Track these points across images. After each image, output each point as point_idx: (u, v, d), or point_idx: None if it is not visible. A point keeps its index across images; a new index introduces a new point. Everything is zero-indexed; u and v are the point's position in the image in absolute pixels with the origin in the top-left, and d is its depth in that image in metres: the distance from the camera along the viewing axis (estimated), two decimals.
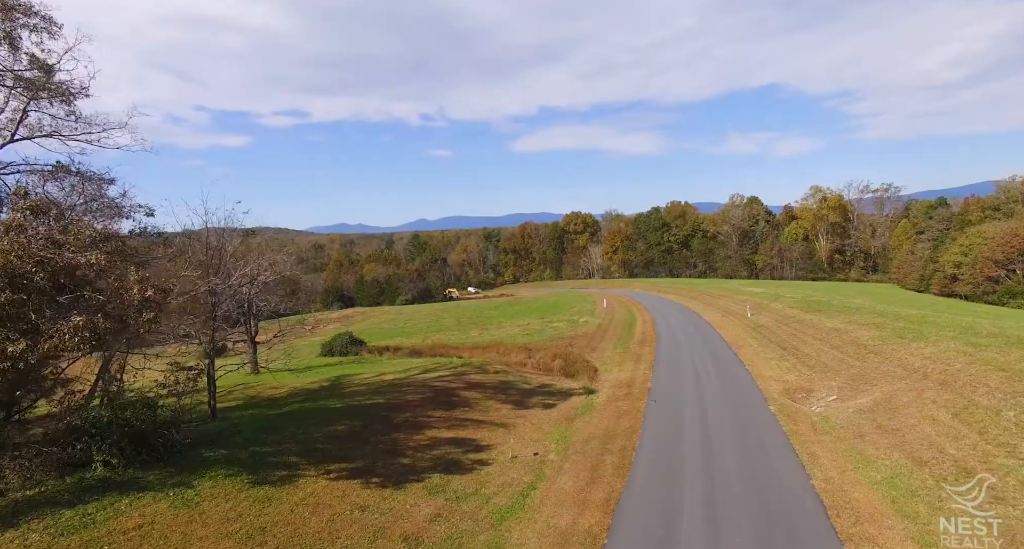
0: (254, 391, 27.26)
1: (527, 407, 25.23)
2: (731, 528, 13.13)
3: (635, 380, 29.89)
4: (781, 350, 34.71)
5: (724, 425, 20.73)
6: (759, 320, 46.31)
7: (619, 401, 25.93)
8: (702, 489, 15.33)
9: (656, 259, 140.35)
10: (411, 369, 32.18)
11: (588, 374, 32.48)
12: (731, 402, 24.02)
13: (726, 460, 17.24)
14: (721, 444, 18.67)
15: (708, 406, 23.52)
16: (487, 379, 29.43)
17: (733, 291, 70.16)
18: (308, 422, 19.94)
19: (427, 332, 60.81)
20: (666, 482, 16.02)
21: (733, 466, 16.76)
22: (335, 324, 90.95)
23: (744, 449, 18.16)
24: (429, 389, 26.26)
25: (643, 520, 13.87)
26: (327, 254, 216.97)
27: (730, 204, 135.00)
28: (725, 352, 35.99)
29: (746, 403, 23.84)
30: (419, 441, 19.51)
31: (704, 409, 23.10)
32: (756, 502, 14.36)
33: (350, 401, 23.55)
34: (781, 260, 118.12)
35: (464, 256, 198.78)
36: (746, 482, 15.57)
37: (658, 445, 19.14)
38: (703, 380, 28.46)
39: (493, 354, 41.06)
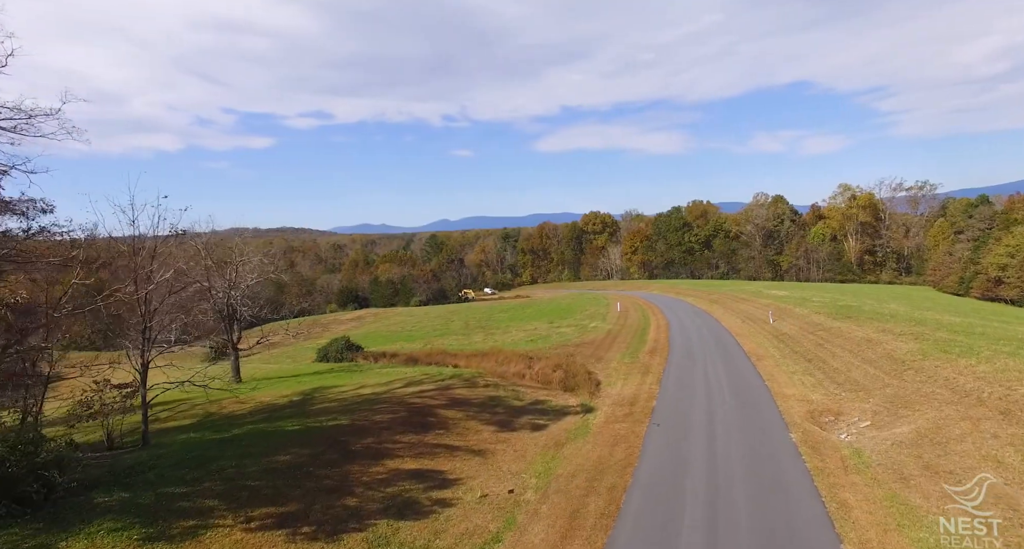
0: (216, 407, 24.90)
1: (513, 429, 22.34)
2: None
3: (639, 396, 26.76)
4: (806, 362, 31.20)
5: (735, 459, 17.55)
6: (782, 327, 42.64)
7: (618, 423, 22.87)
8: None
9: (676, 260, 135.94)
10: (395, 381, 29.53)
11: (589, 388, 29.43)
12: (746, 427, 20.79)
13: (735, 510, 14.11)
14: (730, 486, 15.52)
15: (718, 432, 20.33)
16: (473, 395, 26.61)
17: (755, 294, 66.19)
18: (251, 450, 17.36)
19: (431, 336, 58.36)
20: (657, 540, 12.98)
21: (743, 519, 13.63)
22: (348, 325, 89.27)
23: (758, 494, 14.99)
24: (404, 407, 23.53)
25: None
26: (347, 254, 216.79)
27: (754, 203, 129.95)
28: (743, 364, 32.58)
29: (763, 428, 20.59)
30: (375, 474, 16.78)
31: (713, 436, 19.92)
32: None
33: (311, 422, 20.95)
34: (807, 261, 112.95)
35: (482, 256, 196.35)
36: (759, 547, 12.46)
37: (654, 485, 16.07)
38: (715, 398, 25.21)
39: (492, 362, 38.25)
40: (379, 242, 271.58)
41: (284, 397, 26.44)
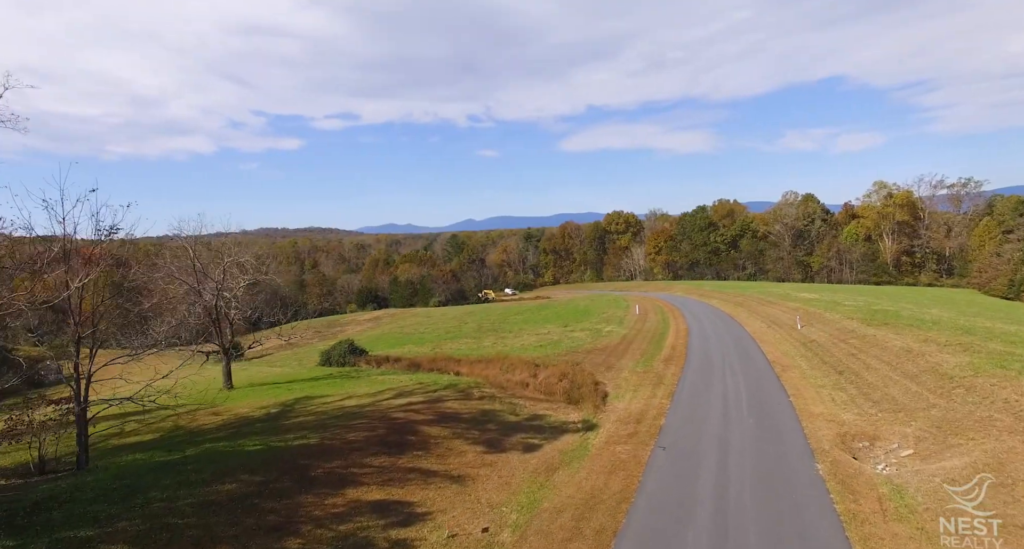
0: (189, 419, 23.22)
1: (502, 450, 20.05)
2: None
3: (647, 413, 24.17)
4: (836, 375, 28.15)
5: (749, 499, 14.93)
6: (811, 334, 39.37)
7: (620, 444, 20.38)
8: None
9: (702, 260, 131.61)
10: (385, 391, 27.53)
11: (594, 401, 26.93)
12: (765, 454, 18.09)
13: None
14: (742, 536, 12.96)
15: (732, 460, 17.69)
16: (465, 408, 24.38)
17: (783, 297, 62.50)
18: (194, 476, 15.42)
19: (442, 339, 56.42)
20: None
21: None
22: (364, 326, 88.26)
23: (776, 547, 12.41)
24: (385, 423, 21.43)
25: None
26: (369, 254, 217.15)
27: (783, 202, 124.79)
28: (766, 375, 29.66)
29: (785, 456, 17.87)
30: (331, 507, 14.67)
31: (725, 465, 17.29)
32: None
33: (276, 440, 18.98)
34: (839, 262, 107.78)
35: (503, 257, 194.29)
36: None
37: (648, 533, 13.58)
38: (732, 416, 22.47)
39: (496, 370, 36.06)
40: (403, 242, 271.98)
41: (262, 408, 24.63)
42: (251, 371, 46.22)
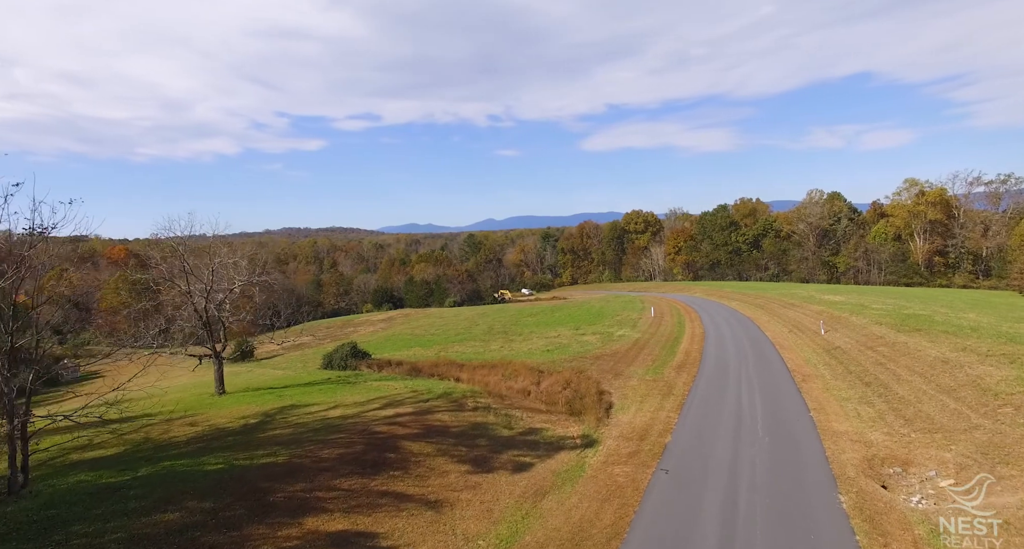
0: (161, 430, 21.92)
1: (489, 469, 18.30)
2: None
3: (652, 428, 22.20)
4: (863, 387, 25.79)
5: (761, 536, 12.95)
6: (835, 340, 36.82)
7: (619, 464, 18.48)
8: None
9: (723, 261, 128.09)
10: (375, 400, 25.98)
11: (596, 413, 25.02)
12: (780, 482, 16.03)
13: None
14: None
15: (743, 488, 15.68)
16: (455, 421, 22.68)
17: (806, 299, 59.60)
18: (136, 503, 13.96)
19: (449, 342, 54.91)
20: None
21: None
22: (377, 326, 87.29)
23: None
24: (365, 438, 19.83)
25: None
26: (388, 254, 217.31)
27: (808, 201, 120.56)
28: (785, 386, 27.40)
29: (804, 484, 15.79)
30: (283, 540, 13.07)
31: (735, 493, 15.29)
32: None
33: (241, 458, 17.50)
34: (867, 263, 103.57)
35: (521, 256, 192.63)
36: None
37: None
38: (745, 434, 20.38)
39: (498, 376, 34.37)
40: (423, 242, 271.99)
41: (242, 418, 23.25)
42: (254, 374, 45.23)
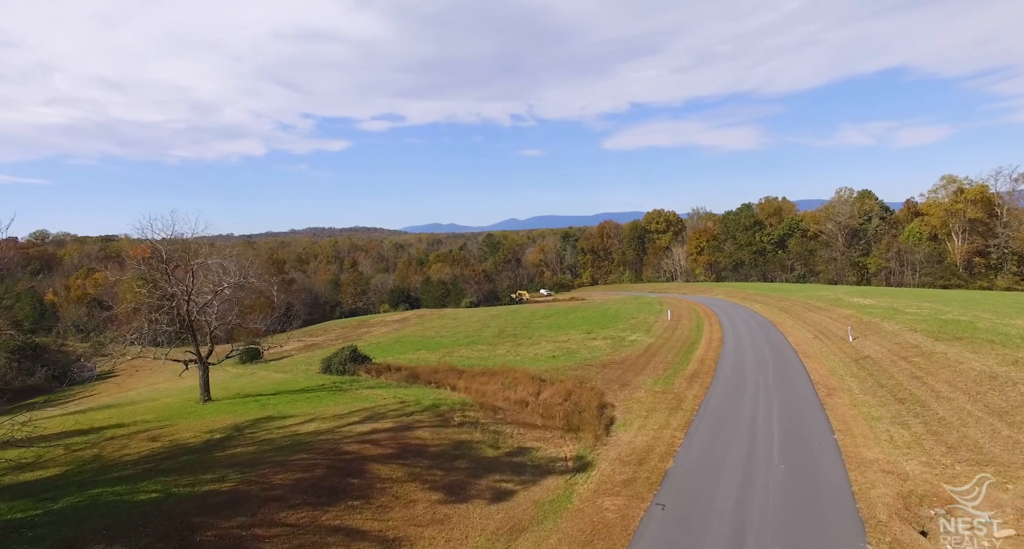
0: (115, 446, 20.33)
1: (465, 498, 16.22)
2: None
3: (654, 449, 19.86)
4: (896, 404, 23.01)
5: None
6: (865, 348, 33.81)
7: (611, 495, 16.22)
8: None
9: (746, 261, 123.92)
10: (355, 412, 24.12)
11: (595, 429, 22.73)
12: (797, 525, 13.60)
13: None
14: None
15: (751, 532, 13.29)
16: (437, 438, 20.64)
17: (834, 302, 56.14)
18: (30, 547, 12.18)
19: (456, 345, 53.06)
20: None
21: None
22: (390, 327, 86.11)
23: None
24: (330, 459, 17.92)
25: None
26: (407, 254, 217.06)
27: (836, 199, 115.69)
28: (807, 401, 24.73)
29: (825, 530, 13.33)
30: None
31: (741, 541, 12.93)
32: None
33: (186, 483, 15.71)
34: (900, 263, 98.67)
35: (540, 256, 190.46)
36: None
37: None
38: (759, 460, 17.91)
39: (496, 384, 32.28)
40: (445, 241, 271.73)
41: (209, 433, 21.57)
42: (252, 377, 43.97)
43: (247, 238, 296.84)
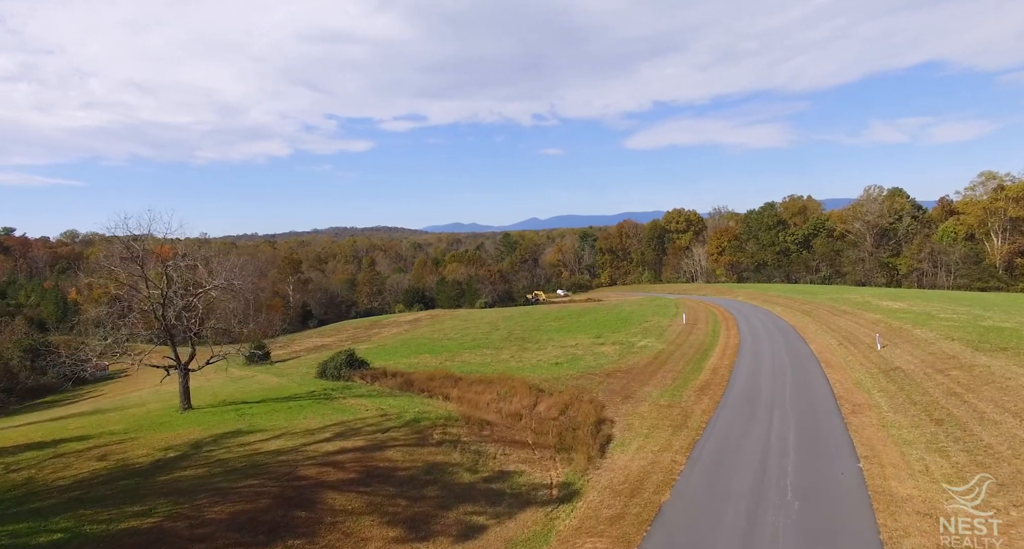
0: (55, 467, 18.68)
1: (427, 535, 14.14)
2: None
3: (650, 476, 17.52)
4: (933, 425, 20.28)
5: None
6: (895, 357, 30.85)
7: (594, 536, 13.98)
8: None
9: (769, 262, 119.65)
10: (330, 426, 22.22)
11: (588, 451, 20.46)
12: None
13: None
14: None
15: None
16: (409, 460, 18.59)
17: (861, 306, 52.75)
18: None
19: (461, 349, 51.21)
20: None
21: None
22: (402, 327, 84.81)
23: None
24: (281, 485, 15.98)
25: None
26: (425, 253, 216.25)
27: (865, 197, 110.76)
28: (828, 420, 22.09)
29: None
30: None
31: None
32: None
33: (106, 516, 13.89)
34: (933, 264, 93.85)
35: (559, 256, 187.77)
36: None
37: None
38: (769, 495, 15.46)
39: (492, 395, 30.27)
40: (464, 241, 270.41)
41: (164, 450, 19.86)
42: (247, 382, 42.68)
43: (270, 238, 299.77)
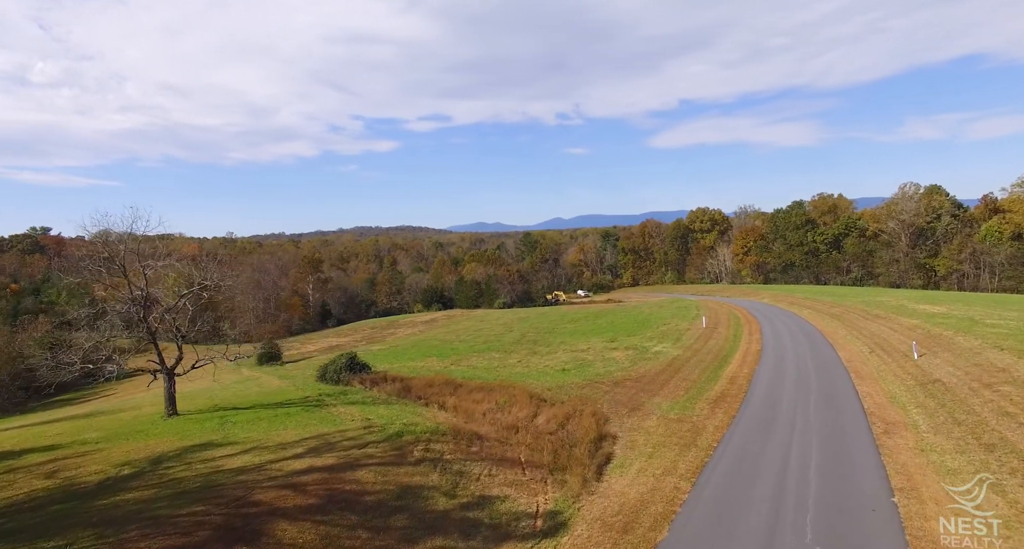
0: (6, 480, 17.38)
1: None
2: None
3: (649, 506, 15.38)
4: (981, 451, 17.67)
5: None
6: (934, 369, 27.97)
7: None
8: None
9: (797, 262, 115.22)
10: (305, 440, 20.57)
11: (585, 471, 18.39)
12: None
13: None
14: None
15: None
16: (380, 481, 16.77)
17: (896, 310, 49.36)
18: None
19: (470, 352, 49.50)
20: None
21: None
22: (418, 327, 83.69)
23: None
24: (227, 513, 14.29)
25: None
26: (446, 252, 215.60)
27: (900, 195, 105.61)
28: (857, 440, 19.59)
29: None
30: None
31: None
32: None
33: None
34: (976, 266, 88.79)
35: (580, 256, 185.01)
36: None
37: None
38: (784, 536, 13.17)
39: (491, 404, 28.40)
40: (487, 240, 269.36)
41: (120, 466, 18.36)
42: (247, 385, 41.59)
43: (296, 237, 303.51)
